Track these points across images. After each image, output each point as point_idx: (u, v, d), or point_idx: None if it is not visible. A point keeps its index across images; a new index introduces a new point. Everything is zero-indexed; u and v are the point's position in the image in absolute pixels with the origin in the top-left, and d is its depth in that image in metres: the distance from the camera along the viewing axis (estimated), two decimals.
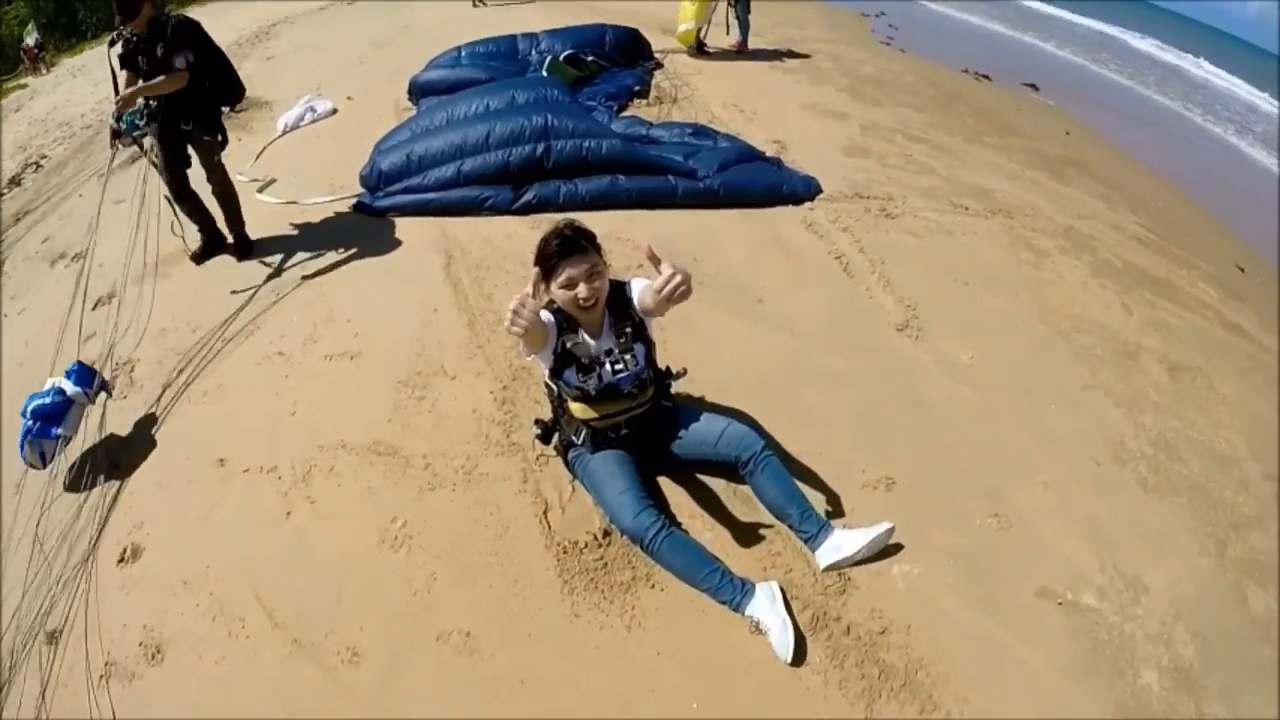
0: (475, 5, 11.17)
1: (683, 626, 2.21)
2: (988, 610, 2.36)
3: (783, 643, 2.12)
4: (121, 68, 3.80)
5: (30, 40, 18.12)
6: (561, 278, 2.17)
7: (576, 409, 2.36)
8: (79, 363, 3.05)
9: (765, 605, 2.18)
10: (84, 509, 2.78)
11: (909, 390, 3.19)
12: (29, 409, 2.85)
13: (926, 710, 2.07)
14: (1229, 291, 4.91)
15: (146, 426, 3.15)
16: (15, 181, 8.29)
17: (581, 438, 2.38)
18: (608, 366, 2.28)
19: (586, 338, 2.28)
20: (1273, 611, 2.56)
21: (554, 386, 2.37)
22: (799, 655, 2.14)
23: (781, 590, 2.24)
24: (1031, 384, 3.35)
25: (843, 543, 2.35)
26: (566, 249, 2.17)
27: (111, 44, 3.78)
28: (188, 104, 3.78)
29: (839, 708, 2.05)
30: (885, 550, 2.45)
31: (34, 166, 8.66)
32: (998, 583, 2.45)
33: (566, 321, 2.26)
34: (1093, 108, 10.17)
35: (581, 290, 2.16)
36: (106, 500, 2.78)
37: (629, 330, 2.31)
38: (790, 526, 2.40)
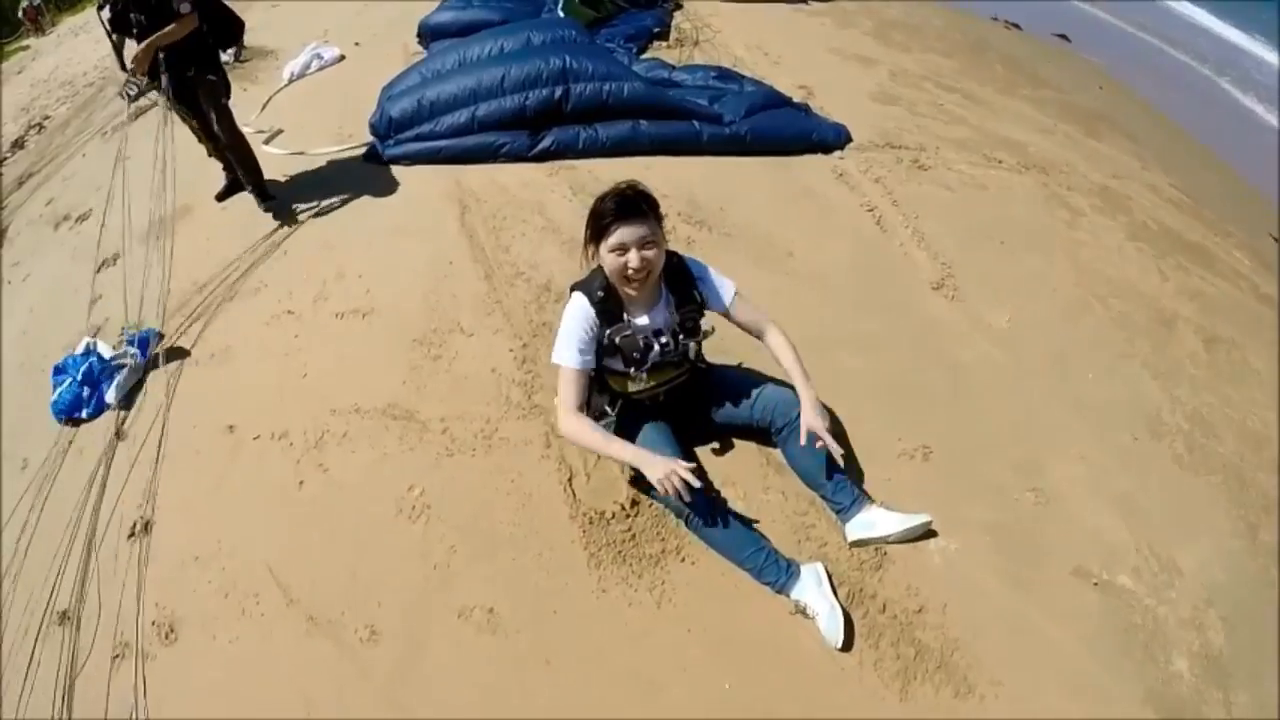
0: None
1: (715, 603, 2.15)
2: (1024, 590, 2.31)
3: (833, 628, 2.05)
4: (114, 30, 3.66)
5: (32, 1, 17.99)
6: (612, 240, 1.99)
7: (615, 383, 2.24)
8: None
9: (813, 588, 2.11)
10: (92, 482, 2.73)
11: (945, 354, 3.09)
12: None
13: (961, 693, 2.03)
14: (1262, 261, 4.77)
15: (153, 392, 3.08)
16: (19, 144, 8.30)
17: (616, 408, 2.28)
18: (655, 348, 2.15)
19: (634, 319, 2.14)
20: None
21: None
22: (849, 640, 2.08)
23: (827, 572, 2.17)
24: (1068, 350, 3.25)
25: (876, 520, 2.27)
26: (624, 210, 1.99)
27: (100, 7, 3.61)
28: (189, 50, 3.62)
29: (874, 689, 2.01)
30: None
31: (37, 128, 8.67)
32: (1034, 561, 2.40)
33: (607, 310, 2.10)
34: (1125, 63, 9.83)
35: (633, 258, 1.99)
36: (114, 472, 2.73)
37: (689, 313, 2.18)
38: (823, 497, 2.32)
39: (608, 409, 2.30)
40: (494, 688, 1.99)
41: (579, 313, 2.09)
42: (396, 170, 4.37)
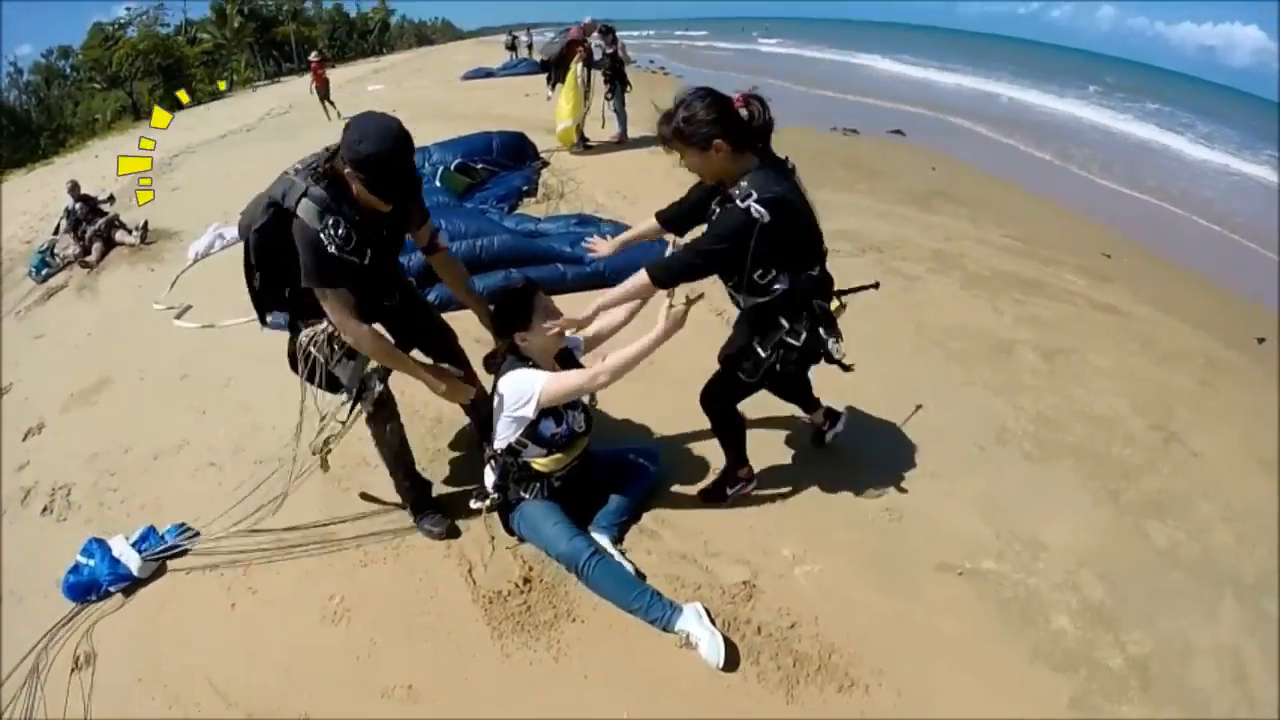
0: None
1: (605, 650, 2.35)
2: (891, 591, 2.55)
3: (713, 649, 2.27)
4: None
5: None
6: (539, 319, 2.46)
7: (543, 464, 2.56)
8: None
9: (694, 620, 2.34)
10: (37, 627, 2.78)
11: (795, 418, 3.36)
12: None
13: (844, 688, 2.23)
14: (1097, 277, 5.39)
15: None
16: None
17: (533, 491, 2.61)
18: (571, 412, 2.55)
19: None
20: (1176, 541, 2.81)
21: (517, 449, 2.53)
22: (732, 660, 2.28)
23: (706, 610, 2.39)
24: (910, 390, 3.61)
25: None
26: (533, 295, 2.49)
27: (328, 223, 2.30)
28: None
29: (760, 698, 2.20)
30: (784, 557, 2.68)
31: None
32: (897, 566, 2.66)
33: None
34: (956, 141, 11.06)
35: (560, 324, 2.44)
36: (54, 615, 2.79)
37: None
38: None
39: (524, 495, 2.64)
40: None
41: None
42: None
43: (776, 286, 2.44)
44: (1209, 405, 3.74)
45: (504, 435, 2.53)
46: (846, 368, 2.63)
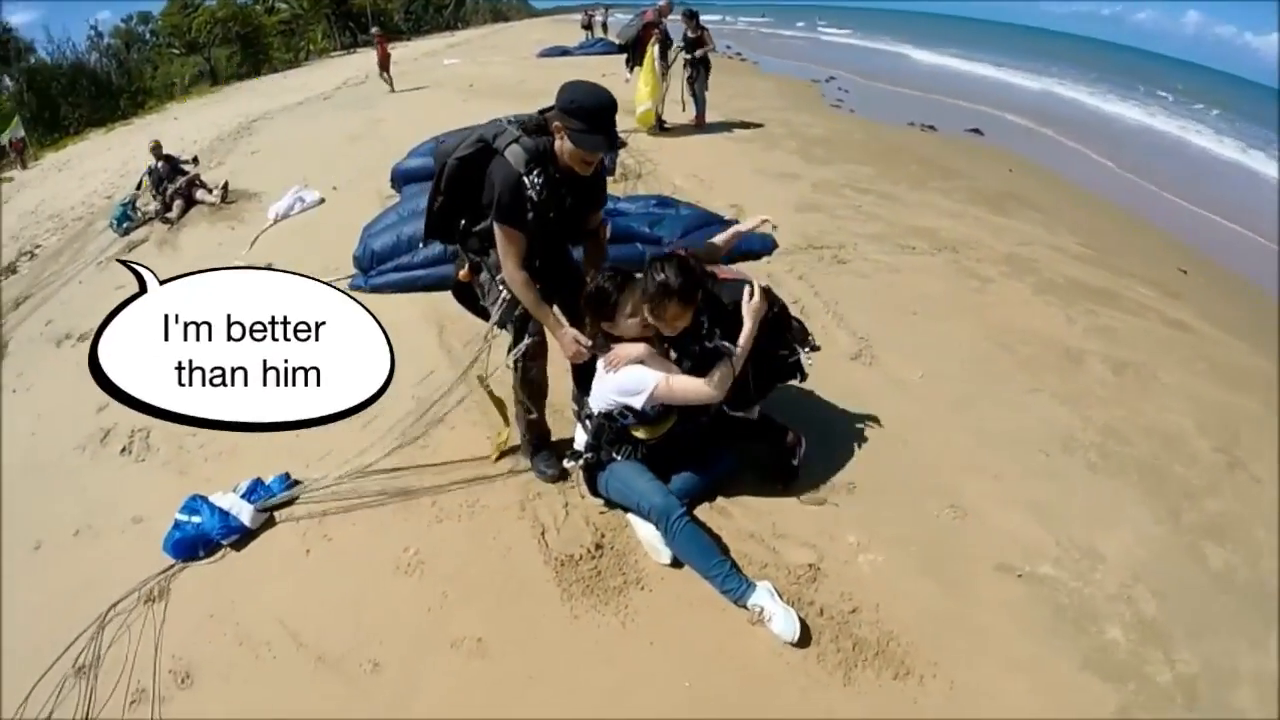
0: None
1: (671, 620, 2.44)
2: (949, 587, 2.58)
3: (788, 624, 2.33)
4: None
5: (16, 134, 18.77)
6: (623, 314, 2.61)
7: (638, 431, 2.69)
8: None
9: (767, 597, 2.41)
10: (111, 560, 2.97)
11: (865, 411, 3.43)
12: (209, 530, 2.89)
13: (900, 675, 2.27)
14: (1170, 293, 5.26)
15: (166, 484, 3.36)
16: (11, 269, 8.55)
17: (624, 453, 2.72)
18: None
19: None
20: (1232, 566, 2.76)
21: (615, 417, 2.66)
22: (805, 636, 2.35)
23: (776, 590, 2.46)
24: (978, 393, 3.62)
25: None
26: (617, 293, 2.60)
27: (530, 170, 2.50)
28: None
29: (819, 678, 2.26)
30: (849, 544, 2.72)
31: (28, 255, 8.96)
32: (957, 564, 2.68)
33: None
34: (1034, 144, 10.81)
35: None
36: (131, 551, 2.98)
37: None
38: None
39: (615, 456, 2.74)
40: (484, 702, 2.24)
41: None
42: (379, 298, 4.77)
43: None
44: (1274, 432, 3.65)
45: (604, 403, 2.64)
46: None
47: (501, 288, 2.69)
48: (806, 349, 2.84)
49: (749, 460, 3.03)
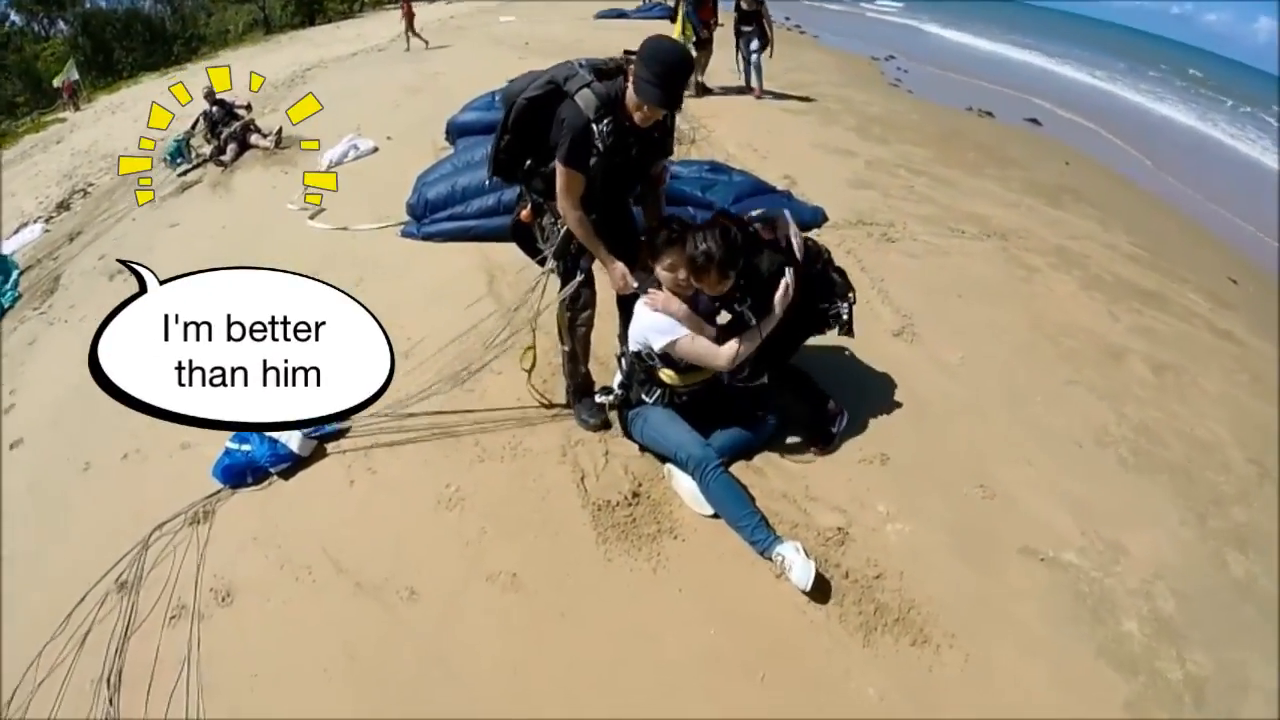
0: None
1: (702, 569, 2.53)
2: (973, 564, 2.63)
3: (804, 573, 2.40)
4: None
5: (70, 77, 19.16)
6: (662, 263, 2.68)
7: (667, 376, 2.76)
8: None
9: (791, 550, 2.48)
10: (159, 482, 3.11)
11: (903, 386, 3.48)
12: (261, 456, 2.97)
13: (918, 643, 2.34)
14: (1219, 302, 5.17)
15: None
16: (64, 205, 8.77)
17: (654, 398, 2.80)
18: None
19: None
20: (1253, 576, 2.76)
21: (645, 359, 2.74)
22: (819, 589, 2.43)
23: (804, 549, 2.52)
24: (1018, 380, 3.62)
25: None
26: (666, 240, 2.67)
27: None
28: None
29: (839, 638, 2.34)
30: (879, 513, 2.78)
31: (81, 193, 9.17)
32: (982, 542, 2.73)
33: None
34: (1092, 140, 10.55)
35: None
36: (177, 476, 3.10)
37: None
38: None
39: (645, 398, 2.82)
40: (516, 635, 2.35)
41: None
42: (430, 246, 4.94)
43: None
44: None
45: (636, 341, 2.72)
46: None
47: (559, 224, 2.74)
48: (847, 304, 2.92)
49: (789, 421, 3.09)
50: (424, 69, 11.84)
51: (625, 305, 2.91)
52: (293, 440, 2.98)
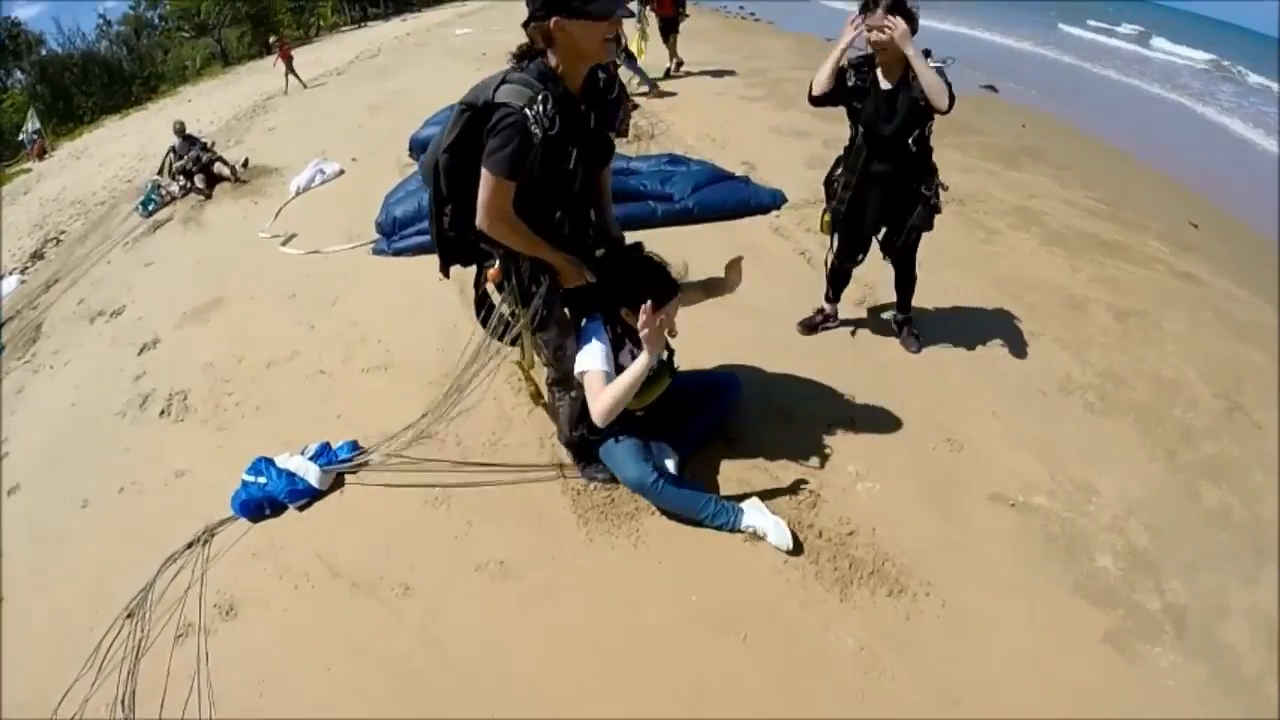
0: None
1: (680, 541, 2.61)
2: (943, 514, 2.73)
3: (781, 536, 2.51)
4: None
5: (32, 127, 19.20)
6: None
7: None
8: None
9: (756, 514, 2.57)
10: (156, 511, 3.19)
11: (869, 354, 3.59)
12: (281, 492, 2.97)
13: (894, 593, 2.43)
14: (1180, 246, 5.27)
15: (207, 440, 3.57)
16: (38, 255, 8.78)
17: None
18: None
19: None
20: (1227, 505, 2.85)
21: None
22: (798, 545, 2.54)
23: (761, 501, 2.63)
24: (979, 337, 3.71)
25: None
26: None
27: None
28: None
29: (817, 594, 2.43)
30: (848, 473, 2.87)
31: (54, 241, 9.20)
32: (951, 493, 2.82)
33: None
34: (1049, 98, 10.66)
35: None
36: (172, 502, 3.18)
37: None
38: None
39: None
40: (505, 616, 2.44)
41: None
42: (402, 261, 5.01)
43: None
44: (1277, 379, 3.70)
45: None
46: None
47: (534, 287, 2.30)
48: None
49: (749, 391, 3.17)
50: (385, 87, 11.92)
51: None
52: (311, 474, 3.00)
